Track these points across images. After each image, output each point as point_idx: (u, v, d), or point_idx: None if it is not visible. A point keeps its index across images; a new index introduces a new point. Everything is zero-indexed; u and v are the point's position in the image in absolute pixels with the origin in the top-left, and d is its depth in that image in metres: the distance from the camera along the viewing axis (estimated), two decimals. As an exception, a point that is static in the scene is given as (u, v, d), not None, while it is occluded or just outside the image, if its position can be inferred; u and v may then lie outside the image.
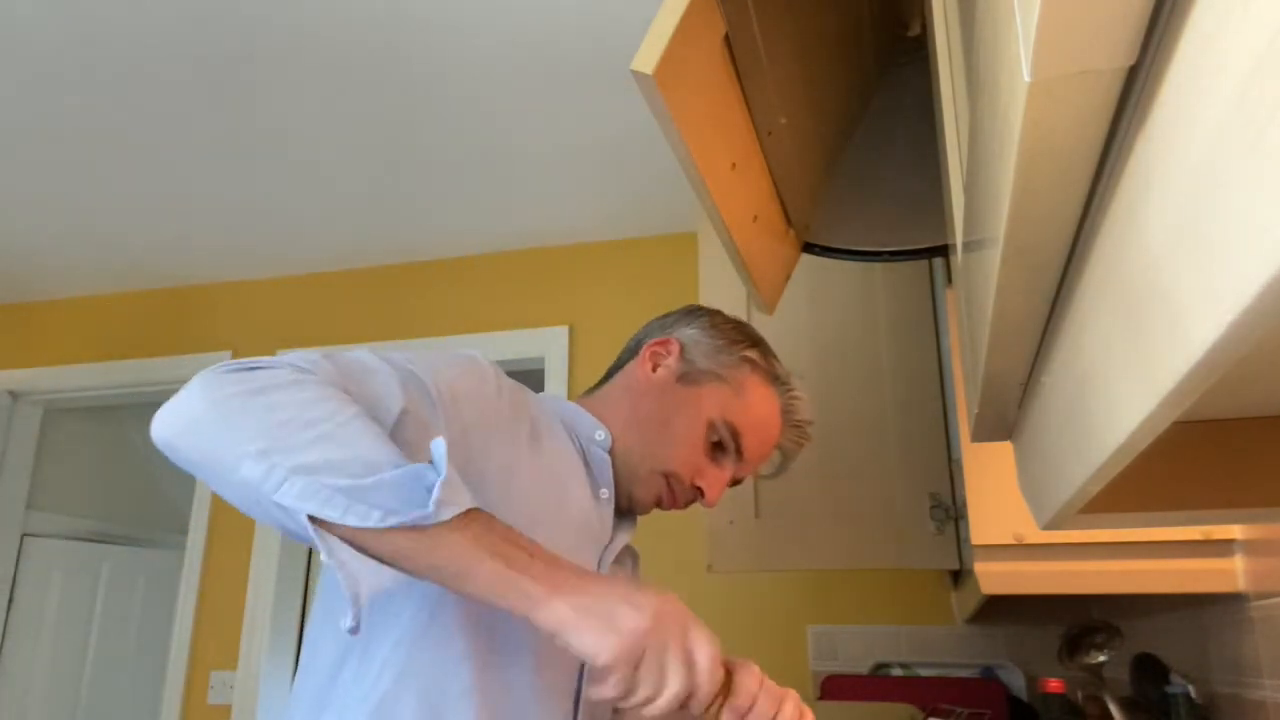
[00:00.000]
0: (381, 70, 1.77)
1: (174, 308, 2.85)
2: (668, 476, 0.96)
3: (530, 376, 2.62)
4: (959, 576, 1.75)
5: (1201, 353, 0.21)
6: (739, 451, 0.98)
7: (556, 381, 2.50)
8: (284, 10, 1.63)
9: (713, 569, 1.75)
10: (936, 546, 1.62)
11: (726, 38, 0.78)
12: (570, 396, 2.49)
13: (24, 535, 3.00)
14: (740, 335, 1.04)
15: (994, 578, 1.08)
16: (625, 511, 1.03)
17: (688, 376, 1.00)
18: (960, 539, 1.57)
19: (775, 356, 1.06)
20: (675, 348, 1.02)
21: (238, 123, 1.99)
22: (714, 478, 0.97)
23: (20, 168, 2.18)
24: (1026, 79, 0.25)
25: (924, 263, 1.75)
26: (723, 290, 1.88)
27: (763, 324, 1.82)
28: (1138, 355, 0.27)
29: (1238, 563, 1.03)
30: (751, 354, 1.03)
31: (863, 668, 2.05)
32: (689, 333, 1.04)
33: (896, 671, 2.03)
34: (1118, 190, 0.29)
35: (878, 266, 1.75)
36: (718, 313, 1.08)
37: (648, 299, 2.50)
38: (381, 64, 1.76)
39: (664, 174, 2.14)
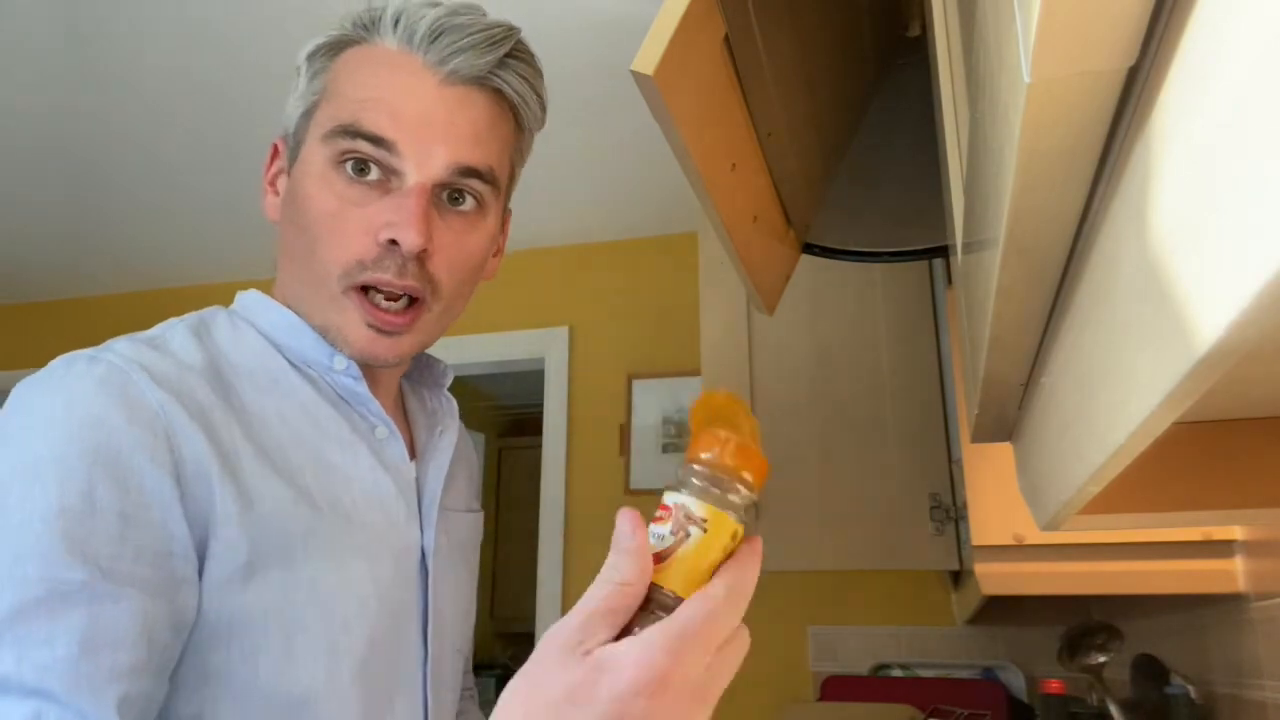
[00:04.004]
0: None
1: (174, 308, 2.85)
2: (357, 283, 0.67)
3: (530, 377, 2.63)
4: (959, 577, 1.75)
5: (1202, 353, 0.21)
6: (382, 141, 0.65)
7: (556, 382, 2.50)
8: (284, 14, 1.63)
9: (713, 569, 1.75)
10: (936, 547, 1.62)
11: (726, 38, 0.78)
12: (570, 398, 2.51)
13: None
14: (314, 44, 0.72)
15: (994, 578, 1.08)
16: (420, 373, 0.81)
17: (292, 156, 0.71)
18: (960, 539, 1.57)
19: (364, 16, 0.70)
20: (278, 146, 0.75)
21: (239, 123, 1.99)
22: (389, 208, 0.66)
23: (20, 169, 2.18)
24: (1026, 80, 0.25)
25: (924, 263, 1.75)
26: (723, 290, 1.88)
27: (763, 325, 1.83)
28: (1138, 356, 0.27)
29: (1238, 563, 1.03)
30: (314, 42, 0.71)
31: (863, 668, 2.05)
32: (287, 107, 0.74)
33: (896, 672, 2.03)
34: (1118, 190, 0.29)
35: (878, 267, 1.76)
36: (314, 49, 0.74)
37: (648, 299, 2.50)
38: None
39: (664, 174, 2.14)
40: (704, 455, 0.45)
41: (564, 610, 2.58)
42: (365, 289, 0.68)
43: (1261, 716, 1.00)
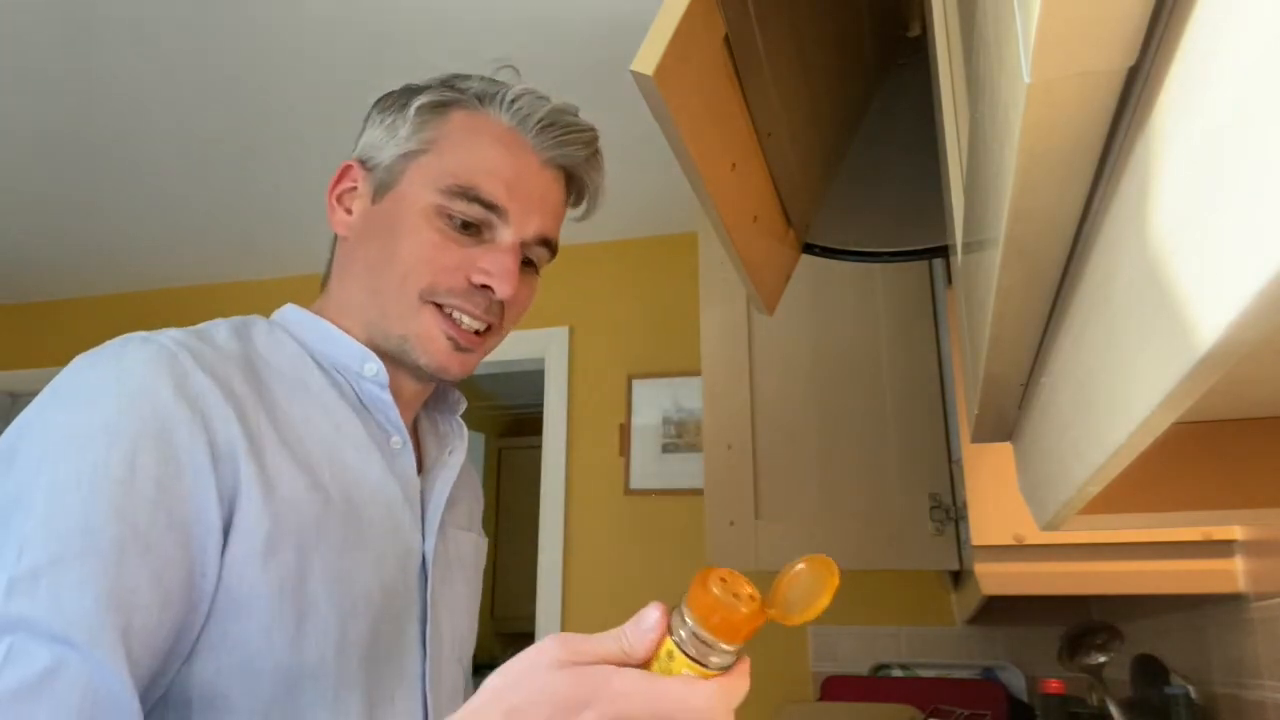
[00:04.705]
0: (378, 71, 1.77)
1: (173, 308, 2.85)
2: (433, 299, 0.75)
3: (530, 377, 2.63)
4: (959, 577, 1.75)
5: (1202, 353, 0.21)
6: (495, 208, 0.75)
7: (556, 382, 2.50)
8: (283, 13, 1.63)
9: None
10: (936, 547, 1.62)
11: (726, 38, 0.78)
12: (571, 398, 2.51)
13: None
14: (409, 91, 0.81)
15: (994, 578, 1.08)
16: (436, 399, 0.86)
17: (381, 186, 0.78)
18: (960, 539, 1.58)
19: (470, 76, 0.81)
20: (353, 169, 0.81)
21: (238, 123, 1.99)
22: (491, 261, 0.75)
23: (20, 169, 2.18)
24: (1026, 80, 0.25)
25: (924, 263, 1.75)
26: (723, 290, 1.88)
27: (763, 325, 1.83)
28: (1138, 356, 0.27)
29: (1238, 563, 1.03)
30: (426, 97, 0.78)
31: (863, 669, 2.05)
32: (363, 140, 0.82)
33: (896, 673, 2.03)
34: (1118, 191, 0.29)
35: (878, 266, 1.76)
36: (390, 92, 0.83)
37: (648, 299, 2.50)
38: (378, 65, 1.76)
39: (664, 174, 2.14)
40: (691, 617, 0.50)
41: (564, 610, 2.56)
42: (440, 307, 0.76)
43: (1261, 716, 1.00)
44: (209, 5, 1.61)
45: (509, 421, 4.40)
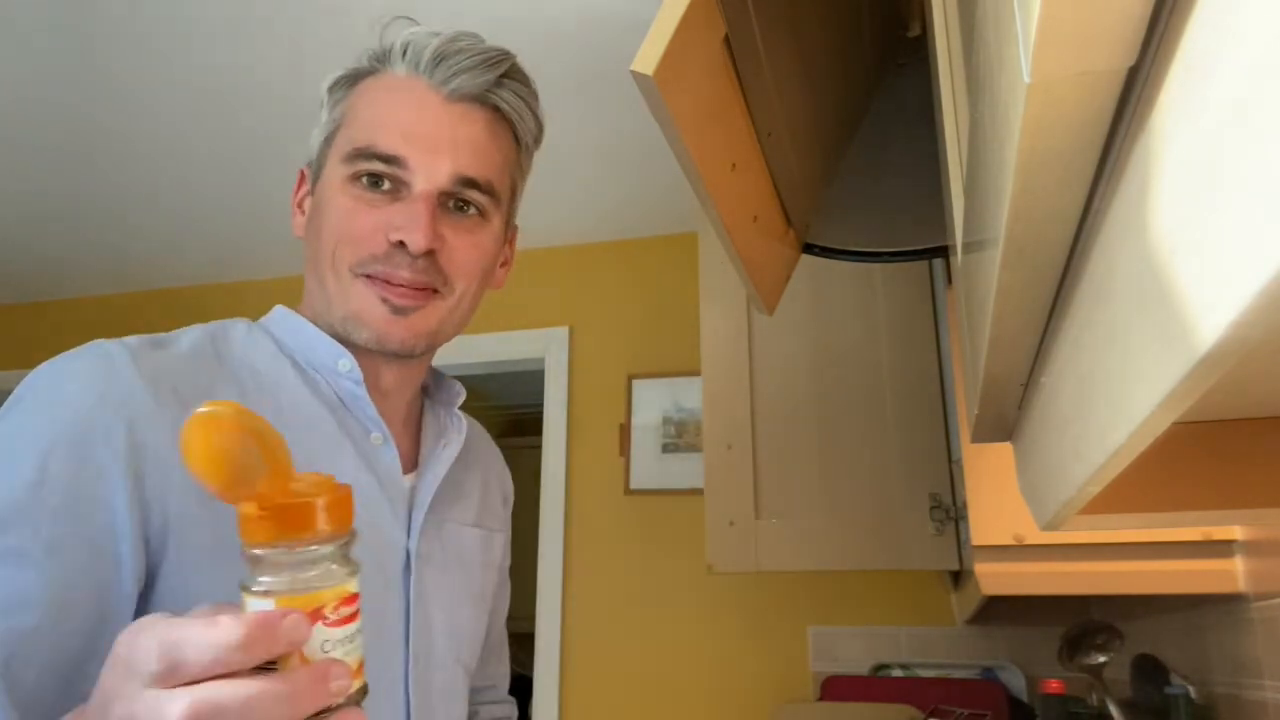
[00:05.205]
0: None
1: (173, 308, 2.85)
2: (362, 272, 0.73)
3: (530, 377, 2.63)
4: (959, 577, 1.75)
5: (1202, 353, 0.21)
6: (394, 159, 0.72)
7: (556, 382, 2.50)
8: (285, 12, 1.63)
9: (713, 569, 1.75)
10: (936, 547, 1.62)
11: (726, 38, 0.78)
12: (571, 398, 2.51)
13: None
14: (332, 78, 0.80)
15: (994, 578, 1.08)
16: (437, 393, 0.85)
17: (315, 177, 0.79)
18: (960, 539, 1.57)
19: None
20: (304, 172, 0.82)
21: (239, 122, 1.99)
22: (402, 214, 0.72)
23: (20, 168, 2.18)
24: (1026, 80, 0.25)
25: (924, 263, 1.75)
26: (723, 290, 1.88)
27: (763, 325, 1.83)
28: (1138, 356, 0.27)
29: (1238, 563, 1.02)
30: (334, 76, 0.79)
31: (863, 669, 2.05)
32: (311, 137, 0.82)
33: (896, 673, 2.03)
34: (1118, 191, 0.29)
35: (878, 267, 1.76)
36: None
37: (648, 299, 2.50)
38: (381, 64, 1.77)
39: (664, 174, 2.14)
40: (253, 549, 0.43)
41: (564, 610, 2.56)
42: (371, 279, 0.73)
43: (1261, 716, 1.00)
44: (207, 7, 1.61)
45: (509, 421, 4.40)
